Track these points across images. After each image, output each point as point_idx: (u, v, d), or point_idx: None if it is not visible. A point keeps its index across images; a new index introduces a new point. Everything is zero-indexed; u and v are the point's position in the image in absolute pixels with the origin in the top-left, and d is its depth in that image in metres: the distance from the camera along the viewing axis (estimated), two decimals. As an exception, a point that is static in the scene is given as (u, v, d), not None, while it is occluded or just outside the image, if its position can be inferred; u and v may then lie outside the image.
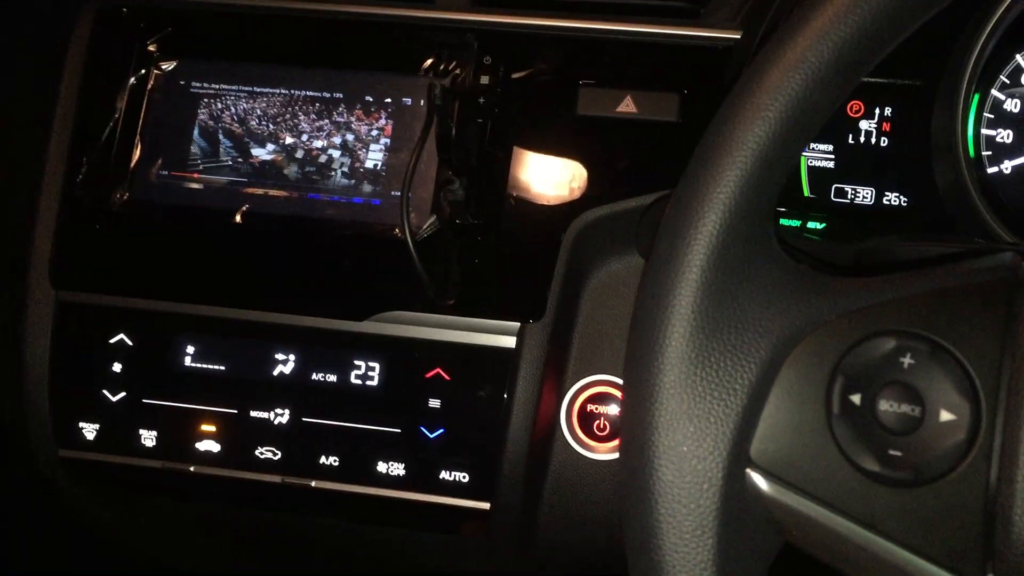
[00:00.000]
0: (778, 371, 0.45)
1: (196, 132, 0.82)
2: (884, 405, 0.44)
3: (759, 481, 0.45)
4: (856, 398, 0.45)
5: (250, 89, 0.83)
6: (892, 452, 0.44)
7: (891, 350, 0.45)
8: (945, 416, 0.44)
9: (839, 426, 0.45)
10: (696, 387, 0.45)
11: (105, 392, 0.80)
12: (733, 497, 0.45)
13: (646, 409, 0.45)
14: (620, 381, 0.79)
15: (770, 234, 0.48)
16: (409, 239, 0.72)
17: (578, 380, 0.79)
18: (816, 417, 0.45)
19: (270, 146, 0.82)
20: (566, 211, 0.78)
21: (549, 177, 0.79)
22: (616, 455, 0.78)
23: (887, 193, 0.84)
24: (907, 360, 0.44)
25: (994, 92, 0.82)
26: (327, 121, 0.81)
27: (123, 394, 0.80)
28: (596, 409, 0.79)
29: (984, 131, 0.82)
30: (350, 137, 0.81)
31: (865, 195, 0.84)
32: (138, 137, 0.83)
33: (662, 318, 0.45)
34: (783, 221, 0.83)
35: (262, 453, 0.78)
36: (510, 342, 0.77)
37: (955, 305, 0.45)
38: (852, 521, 0.44)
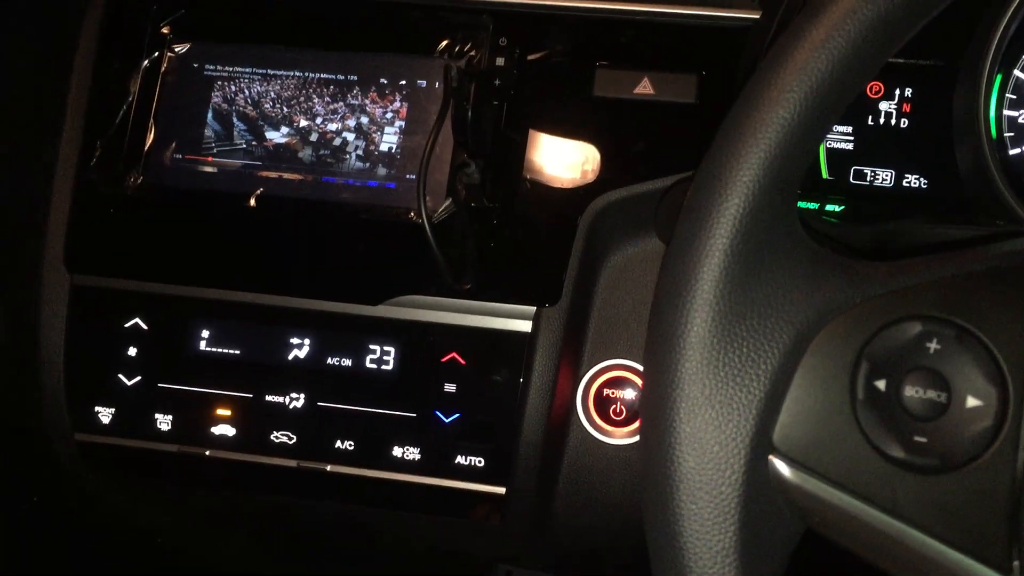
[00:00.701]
0: (802, 356, 0.45)
1: (210, 115, 0.82)
2: (910, 391, 0.44)
3: (782, 468, 0.45)
4: (881, 384, 0.44)
5: (264, 72, 0.82)
6: (918, 438, 0.43)
7: (917, 335, 0.44)
8: (972, 402, 0.43)
9: (864, 412, 0.44)
10: (718, 373, 0.44)
11: (120, 376, 0.80)
12: (755, 484, 0.44)
13: (667, 395, 0.45)
14: (637, 366, 0.78)
15: (794, 217, 0.47)
16: (426, 223, 0.72)
17: (594, 364, 0.79)
18: (840, 403, 0.44)
19: (284, 129, 0.81)
20: (582, 194, 0.77)
21: (565, 160, 0.78)
22: (633, 440, 0.78)
23: (907, 175, 0.83)
24: (933, 345, 0.44)
25: (1016, 72, 0.81)
26: (341, 104, 0.81)
27: (138, 378, 0.80)
28: (612, 393, 0.78)
29: (1006, 112, 0.81)
30: (364, 120, 0.80)
31: (885, 177, 0.83)
32: (152, 120, 0.82)
33: (683, 303, 0.45)
34: (801, 204, 0.82)
35: (277, 437, 0.78)
36: (526, 326, 0.77)
37: (981, 289, 0.44)
38: (876, 508, 0.44)
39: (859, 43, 0.44)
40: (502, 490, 0.77)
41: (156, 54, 0.83)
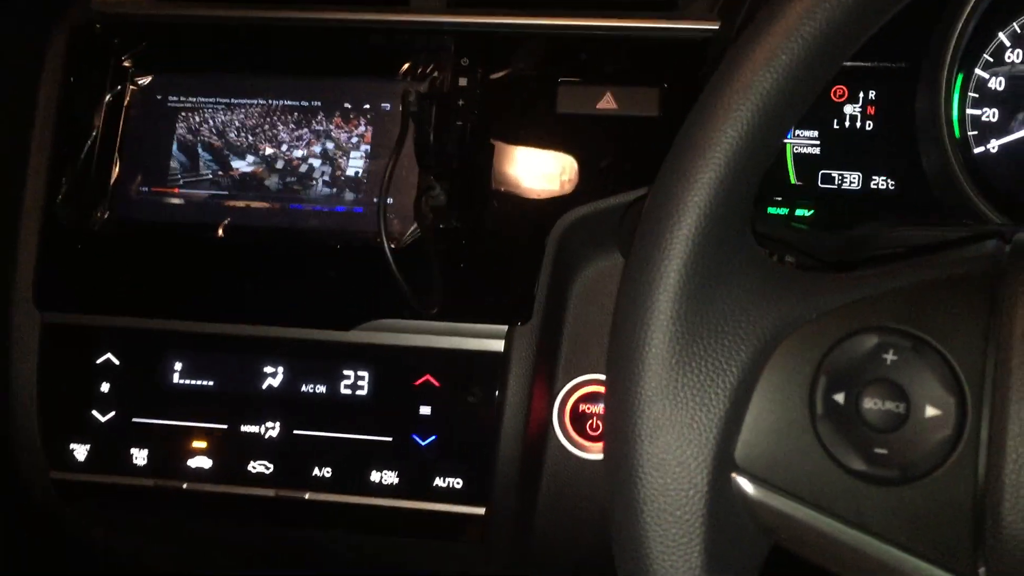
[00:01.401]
0: (760, 373, 0.45)
1: (175, 147, 0.82)
2: (868, 403, 0.44)
3: (745, 485, 0.45)
4: (840, 397, 0.44)
5: (228, 101, 0.82)
6: (878, 450, 0.43)
7: (873, 347, 0.44)
8: (930, 412, 0.43)
9: (824, 426, 0.44)
10: (678, 393, 0.44)
11: (94, 412, 0.80)
12: (720, 502, 0.44)
13: (628, 418, 0.45)
14: (610, 380, 0.78)
15: (747, 234, 0.47)
16: (387, 247, 0.72)
17: (569, 380, 0.79)
18: (800, 418, 0.44)
19: (250, 158, 0.81)
20: (550, 211, 0.77)
21: (531, 177, 0.78)
22: (610, 454, 0.78)
23: (874, 177, 0.83)
24: (890, 356, 0.44)
25: (978, 71, 0.81)
26: (306, 130, 0.81)
27: (112, 413, 0.79)
28: (588, 409, 0.78)
29: (969, 111, 0.81)
30: (330, 145, 0.80)
31: (852, 180, 0.83)
32: (117, 154, 0.82)
33: (641, 325, 0.45)
34: (770, 210, 0.82)
35: (254, 467, 0.78)
36: (498, 345, 0.76)
37: (937, 298, 0.44)
38: (840, 521, 0.44)
39: (803, 59, 0.44)
40: (482, 510, 0.77)
41: (119, 87, 0.83)
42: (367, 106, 0.80)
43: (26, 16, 0.85)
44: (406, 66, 0.80)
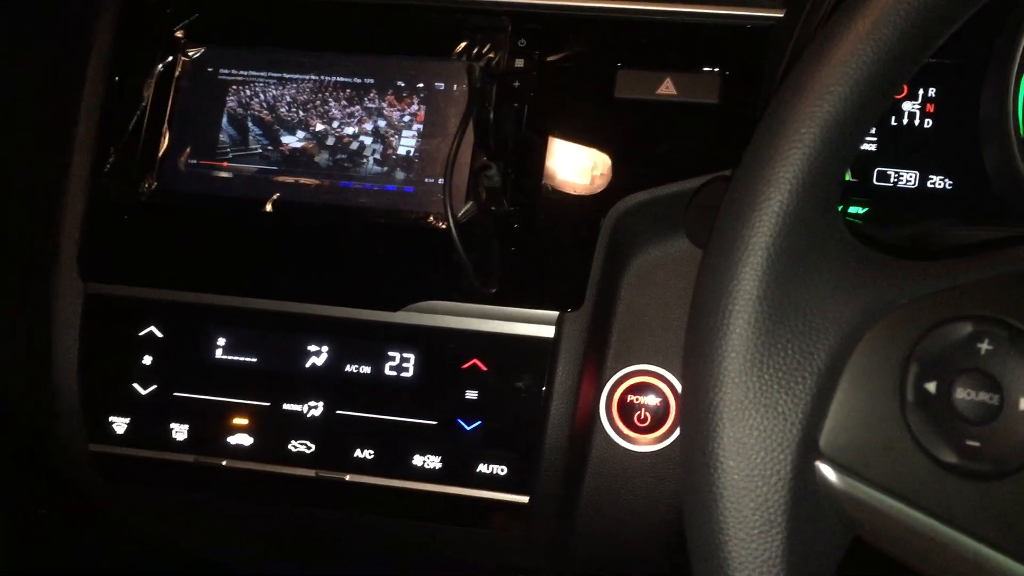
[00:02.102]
0: (848, 358, 0.43)
1: (225, 120, 0.81)
2: (961, 393, 0.42)
3: (829, 474, 0.43)
4: (931, 386, 0.42)
5: (279, 75, 0.81)
6: (970, 443, 0.42)
7: (968, 335, 0.43)
8: (1025, 405, 0.42)
9: (914, 415, 0.43)
10: (762, 375, 0.43)
11: (135, 385, 0.79)
12: (802, 491, 0.43)
13: (709, 399, 0.43)
14: (661, 371, 0.77)
15: (836, 215, 0.46)
16: (453, 227, 0.70)
17: (618, 370, 0.77)
18: (889, 406, 0.43)
19: (300, 133, 0.80)
20: (605, 197, 0.76)
21: (587, 162, 0.77)
22: (657, 447, 0.77)
23: (931, 176, 0.81)
24: (984, 346, 0.42)
25: (1043, 71, 0.79)
26: (358, 107, 0.79)
27: (154, 387, 0.79)
28: (636, 400, 0.77)
29: (1033, 111, 0.80)
30: (382, 123, 0.79)
31: (909, 178, 0.82)
32: (166, 126, 0.81)
33: (725, 304, 0.43)
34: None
35: (295, 447, 0.77)
36: (548, 332, 0.75)
37: (1033, 288, 0.43)
38: (928, 515, 0.42)
39: (905, 35, 0.43)
40: (525, 499, 0.75)
41: (170, 59, 0.82)
42: (420, 85, 0.79)
43: (78, -16, 0.84)
44: (462, 46, 0.79)
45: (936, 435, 0.42)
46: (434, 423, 0.76)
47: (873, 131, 0.82)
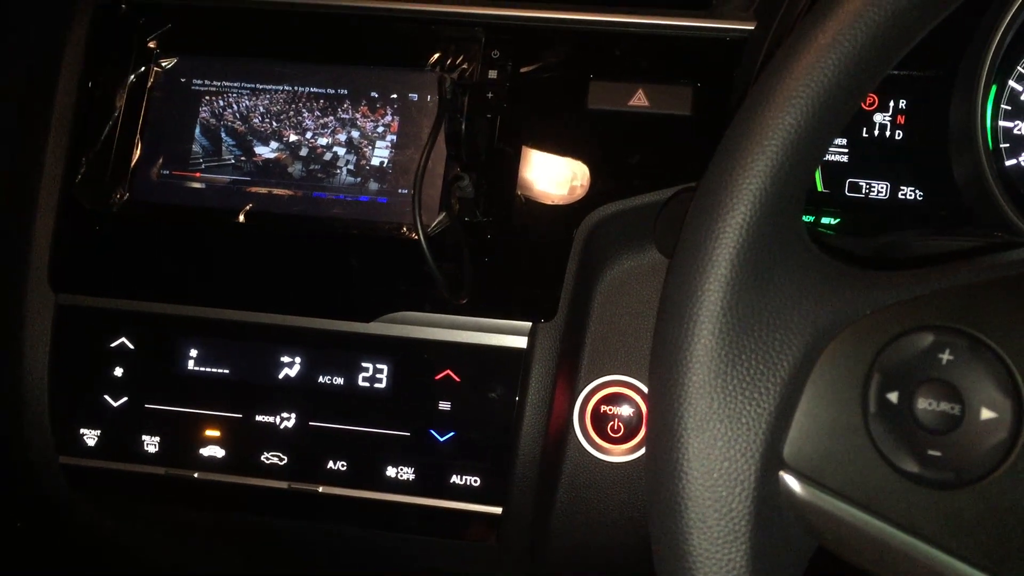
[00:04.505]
0: (811, 369, 0.44)
1: (198, 130, 0.80)
2: (922, 403, 0.42)
3: (793, 484, 0.43)
4: (893, 396, 0.43)
5: (252, 86, 0.81)
6: (931, 452, 0.42)
7: (929, 346, 0.43)
8: (986, 414, 0.42)
9: (876, 426, 0.43)
10: (726, 386, 0.43)
11: (106, 397, 0.78)
12: (766, 500, 0.43)
13: (674, 410, 0.43)
14: (634, 381, 0.77)
15: (800, 227, 0.46)
16: (422, 238, 0.70)
17: (591, 380, 0.78)
18: (852, 416, 0.43)
19: (273, 144, 0.80)
20: (577, 208, 0.76)
21: (559, 173, 0.77)
22: (630, 457, 0.77)
23: (902, 187, 0.82)
24: (946, 356, 0.43)
25: (1011, 83, 0.80)
26: (332, 118, 0.79)
27: (125, 399, 0.78)
28: (610, 410, 0.77)
29: (1001, 123, 0.80)
30: (355, 134, 0.79)
31: (880, 189, 0.82)
32: (138, 136, 0.81)
33: (690, 315, 0.44)
34: (796, 217, 0.81)
35: (268, 458, 0.77)
36: (521, 342, 0.75)
37: (994, 299, 0.43)
38: (891, 524, 0.42)
39: (867, 46, 0.43)
40: (498, 510, 0.75)
41: (142, 69, 0.82)
42: (394, 96, 0.79)
43: (51, -6, 0.84)
44: (435, 57, 0.79)
45: (898, 445, 0.43)
46: (407, 434, 0.76)
47: (844, 143, 0.83)
